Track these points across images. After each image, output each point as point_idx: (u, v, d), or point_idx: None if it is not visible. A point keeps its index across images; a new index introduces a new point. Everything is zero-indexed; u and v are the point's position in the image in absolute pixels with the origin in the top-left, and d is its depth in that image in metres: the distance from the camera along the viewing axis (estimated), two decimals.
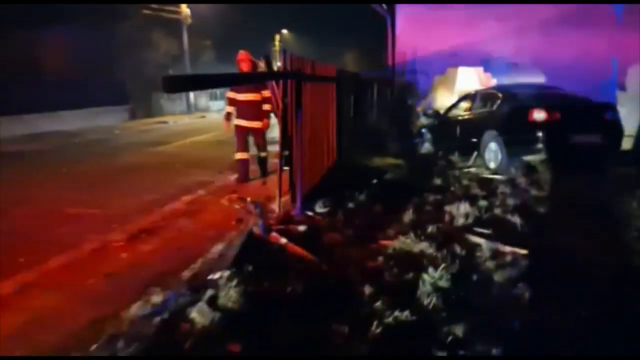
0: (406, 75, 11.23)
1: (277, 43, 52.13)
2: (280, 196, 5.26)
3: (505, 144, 7.56)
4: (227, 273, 3.23)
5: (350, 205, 5.51)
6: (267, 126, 7.32)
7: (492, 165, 7.90)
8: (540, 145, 7.13)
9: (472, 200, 5.81)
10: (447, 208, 5.37)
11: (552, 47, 10.82)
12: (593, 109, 7.43)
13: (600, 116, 7.24)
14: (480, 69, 11.20)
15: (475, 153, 8.53)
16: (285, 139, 5.23)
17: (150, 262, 3.90)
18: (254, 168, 7.51)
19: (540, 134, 7.10)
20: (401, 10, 11.69)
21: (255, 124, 7.17)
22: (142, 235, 4.63)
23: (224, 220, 5.03)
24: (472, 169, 8.10)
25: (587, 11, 10.61)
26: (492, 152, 7.89)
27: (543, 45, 10.92)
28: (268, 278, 3.27)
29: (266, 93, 7.16)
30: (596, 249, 4.16)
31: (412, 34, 11.42)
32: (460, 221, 4.95)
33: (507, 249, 4.11)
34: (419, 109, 11.38)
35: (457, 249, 4.13)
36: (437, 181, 7.06)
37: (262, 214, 4.86)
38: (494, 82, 11.31)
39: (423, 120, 10.84)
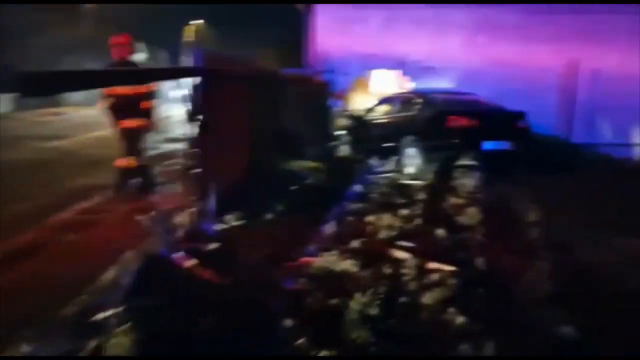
0: (325, 75, 10.98)
1: (192, 34, 50.02)
2: (188, 208, 4.70)
3: (424, 149, 7.53)
4: (119, 310, 2.67)
5: (269, 216, 5.08)
6: (150, 126, 6.45)
7: (410, 170, 7.85)
8: (457, 152, 7.16)
9: (394, 209, 5.64)
10: (370, 218, 5.12)
11: (468, 52, 11.13)
12: (506, 116, 7.62)
13: (514, 124, 7.43)
14: (397, 72, 11.24)
15: (394, 158, 8.46)
16: (197, 142, 4.68)
17: (18, 297, 3.16)
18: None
19: (457, 140, 7.13)
20: (320, 9, 11.44)
21: (136, 123, 6.24)
22: (12, 259, 3.83)
23: (121, 237, 4.37)
24: (391, 174, 8.00)
25: (500, 17, 11.01)
26: (411, 157, 7.84)
27: (458, 50, 11.21)
28: (170, 314, 2.75)
29: (148, 87, 6.25)
30: (518, 263, 4.09)
31: (331, 33, 11.22)
32: (384, 233, 4.71)
33: (433, 265, 3.91)
34: (338, 110, 11.18)
35: (383, 266, 3.87)
36: (357, 187, 6.84)
37: (166, 229, 4.27)
38: (410, 85, 11.41)
39: (342, 122, 10.66)
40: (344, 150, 10.12)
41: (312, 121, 9.91)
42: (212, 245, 4.03)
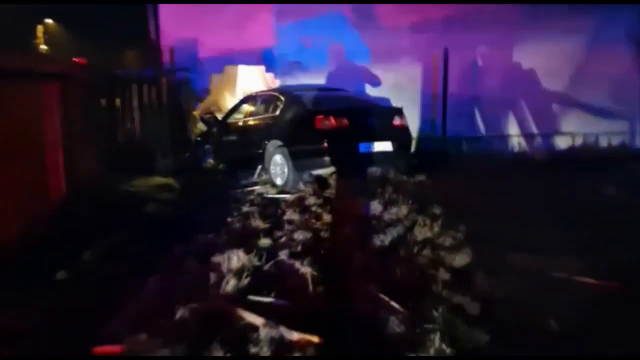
0: (177, 74, 9.38)
1: (40, 35, 44.33)
2: None
3: (291, 156, 6.40)
4: None
5: (62, 276, 3.53)
6: None
7: (278, 181, 6.67)
8: (328, 157, 6.13)
9: (252, 238, 4.40)
10: (217, 259, 3.81)
11: (337, 43, 10.24)
12: (382, 114, 6.75)
13: (389, 122, 6.58)
14: (263, 68, 10.02)
15: (260, 167, 7.23)
16: None
17: None
18: None
19: (327, 143, 6.10)
20: None
21: None
22: None
23: None
24: (257, 187, 6.76)
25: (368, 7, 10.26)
26: (278, 165, 6.66)
27: (327, 42, 10.27)
28: None
29: None
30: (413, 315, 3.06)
31: (181, 26, 9.65)
32: (232, 284, 3.43)
33: (295, 336, 2.72)
34: (197, 113, 9.66)
35: (221, 346, 2.59)
36: (213, 209, 5.49)
37: None
38: (276, 83, 10.26)
39: (201, 127, 9.18)
40: (206, 160, 8.67)
41: (162, 128, 8.33)
42: None
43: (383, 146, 6.40)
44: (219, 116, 8.60)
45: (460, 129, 9.91)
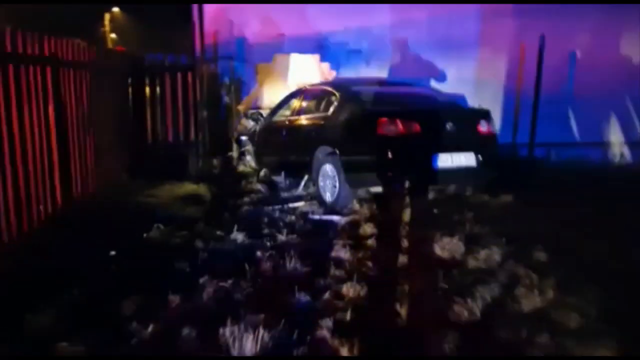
0: (220, 63, 8.26)
1: (106, 23, 45.35)
2: None
3: (345, 167, 5.07)
4: None
5: None
6: None
7: (327, 197, 5.37)
8: (392, 172, 4.75)
9: (281, 294, 3.14)
10: (224, 337, 2.57)
11: (405, 30, 8.73)
12: (464, 117, 5.26)
13: (473, 128, 5.10)
14: (317, 57, 8.73)
15: (306, 177, 5.96)
16: None
17: None
18: None
19: (392, 154, 4.72)
20: None
21: None
22: None
23: None
24: (301, 204, 5.49)
25: None
26: (328, 178, 5.36)
27: (394, 28, 8.77)
28: None
29: None
30: None
31: (226, 9, 8.51)
32: None
33: None
34: (240, 108, 8.53)
35: None
36: (239, 236, 4.26)
37: None
38: (331, 74, 8.92)
39: (244, 124, 8.03)
40: (247, 162, 7.52)
41: (198, 124, 7.24)
42: None
43: (464, 160, 4.94)
44: (265, 113, 7.42)
45: (549, 133, 8.15)
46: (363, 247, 4.05)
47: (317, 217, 4.97)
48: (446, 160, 4.85)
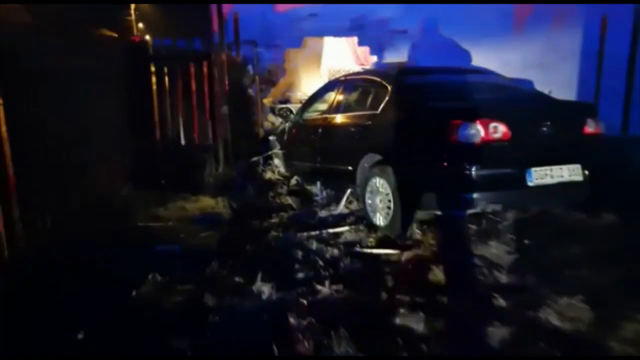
0: (242, 49, 7.06)
1: (132, 13, 44.97)
2: None
3: (402, 183, 3.83)
4: None
5: None
6: None
7: (379, 220, 4.15)
8: (470, 192, 3.48)
9: None
10: None
11: (459, 7, 7.32)
12: (564, 115, 3.90)
13: (579, 129, 3.77)
14: (354, 40, 7.46)
15: (349, 191, 4.74)
16: None
17: None
18: None
19: (470, 169, 3.45)
20: None
21: None
22: None
23: None
24: (345, 228, 4.27)
25: None
26: (378, 195, 4.13)
27: (447, 5, 7.36)
28: None
29: None
30: None
31: None
32: None
33: None
34: (267, 101, 7.36)
35: None
36: (265, 288, 3.09)
37: None
38: (372, 60, 7.65)
39: (272, 121, 6.88)
40: (275, 167, 6.36)
41: (217, 123, 6.12)
42: None
43: (567, 173, 3.62)
44: (295, 108, 6.23)
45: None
46: (439, 308, 2.83)
47: (367, 250, 3.76)
48: (543, 176, 3.55)
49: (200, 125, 5.91)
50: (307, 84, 7.62)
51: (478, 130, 3.44)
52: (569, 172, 3.62)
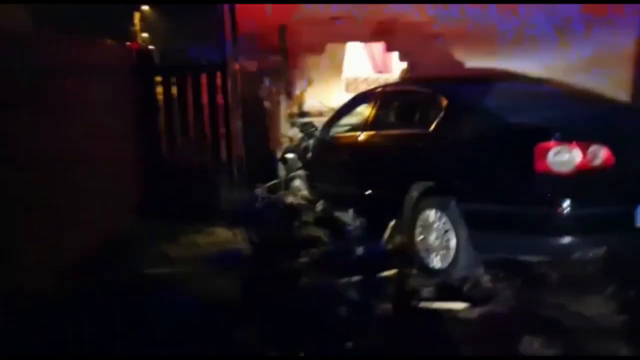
0: (257, 56, 6.35)
1: (136, 22, 44.68)
2: None
3: (469, 219, 3.09)
4: None
5: None
6: None
7: (433, 261, 3.40)
8: (570, 238, 2.73)
9: None
10: None
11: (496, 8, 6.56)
12: None
13: None
14: (381, 46, 6.78)
15: (393, 222, 3.99)
16: None
17: None
18: None
19: (567, 205, 2.70)
20: None
21: None
22: None
23: None
24: (394, 271, 3.52)
25: None
26: (434, 231, 3.38)
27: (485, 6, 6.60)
28: None
29: None
30: None
31: None
32: None
33: None
34: (287, 114, 6.68)
35: None
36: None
37: None
38: (401, 67, 6.95)
39: (292, 138, 6.19)
40: (296, 190, 5.62)
41: (232, 141, 5.43)
42: None
43: None
44: (319, 122, 5.53)
45: None
46: None
47: (434, 305, 3.00)
48: None
49: (213, 145, 5.22)
50: (327, 94, 6.94)
51: (573, 156, 2.70)
52: None
